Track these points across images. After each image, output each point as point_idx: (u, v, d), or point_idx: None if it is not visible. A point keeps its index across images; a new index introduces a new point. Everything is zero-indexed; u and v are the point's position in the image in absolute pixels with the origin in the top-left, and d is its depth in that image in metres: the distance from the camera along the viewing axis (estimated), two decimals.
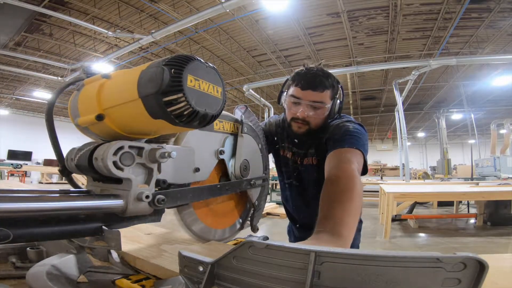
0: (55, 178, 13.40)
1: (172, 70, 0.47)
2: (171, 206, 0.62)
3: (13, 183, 4.94)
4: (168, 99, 0.46)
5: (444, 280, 0.32)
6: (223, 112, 0.79)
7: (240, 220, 0.93)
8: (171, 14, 8.08)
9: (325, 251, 0.34)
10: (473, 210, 5.84)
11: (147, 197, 0.54)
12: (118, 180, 0.54)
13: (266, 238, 0.42)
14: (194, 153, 0.70)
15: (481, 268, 0.31)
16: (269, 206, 7.11)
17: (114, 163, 0.51)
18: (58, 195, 0.53)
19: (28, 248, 0.66)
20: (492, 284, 0.48)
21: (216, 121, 0.78)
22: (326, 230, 0.60)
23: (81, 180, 3.02)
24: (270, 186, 8.72)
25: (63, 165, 0.60)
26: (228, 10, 6.20)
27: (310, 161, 1.17)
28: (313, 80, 1.04)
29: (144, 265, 0.62)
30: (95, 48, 10.34)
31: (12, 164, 11.45)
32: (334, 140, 0.97)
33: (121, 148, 0.52)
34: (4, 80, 13.40)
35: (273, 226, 5.57)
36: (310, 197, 1.22)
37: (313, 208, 0.74)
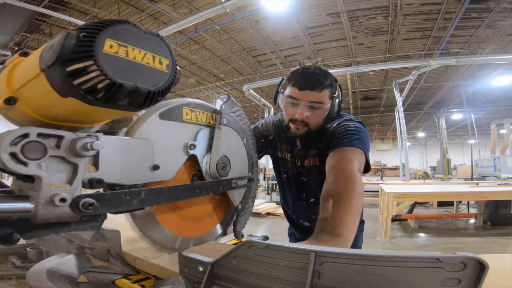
0: None
1: (82, 34, 0.37)
2: (111, 211, 0.50)
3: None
4: (72, 68, 0.36)
5: (444, 280, 0.32)
6: (198, 101, 0.71)
7: (221, 226, 0.80)
8: (171, 14, 8.08)
9: (325, 251, 0.34)
10: (473, 210, 5.84)
11: (62, 200, 0.42)
12: (33, 179, 0.43)
13: (266, 238, 0.41)
14: (152, 147, 0.57)
15: (481, 268, 0.31)
16: (269, 206, 7.11)
17: (13, 155, 0.40)
18: None
19: (28, 248, 0.66)
20: (492, 284, 0.48)
21: (187, 110, 0.66)
22: (326, 230, 0.60)
23: None
24: (270, 186, 8.74)
25: None
26: (228, 10, 6.19)
27: (311, 162, 1.14)
28: (311, 79, 1.00)
29: (144, 265, 0.62)
30: None
31: None
32: (335, 140, 0.95)
33: (26, 135, 0.41)
34: None
35: (273, 226, 5.56)
36: (312, 199, 1.19)
37: (314, 210, 0.74)
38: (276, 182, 8.54)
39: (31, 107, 0.44)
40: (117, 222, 0.64)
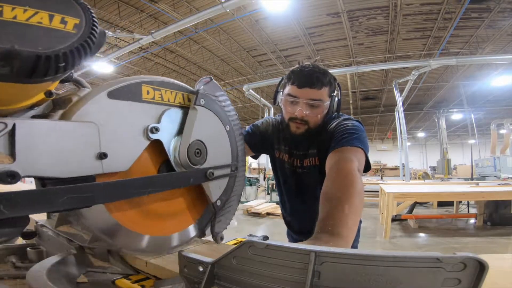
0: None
1: None
2: (24, 214, 0.40)
3: None
4: None
5: (444, 280, 0.32)
6: (168, 79, 0.62)
7: (197, 226, 0.69)
8: (171, 14, 8.08)
9: (325, 251, 0.34)
10: (473, 210, 5.84)
11: None
12: None
13: (266, 238, 0.41)
14: (98, 131, 0.48)
15: (481, 268, 0.31)
16: (269, 206, 7.11)
17: None
18: None
19: (28, 248, 0.66)
20: (492, 284, 0.48)
21: (148, 89, 0.57)
22: (326, 230, 0.60)
23: None
24: (270, 186, 8.71)
25: None
26: (228, 10, 6.20)
27: (311, 162, 1.13)
28: (310, 77, 1.00)
29: (144, 265, 0.62)
30: None
31: None
32: (334, 140, 0.95)
33: None
34: None
35: (273, 226, 5.56)
36: (310, 199, 1.17)
37: (313, 211, 0.73)
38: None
39: None
40: None
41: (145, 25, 8.85)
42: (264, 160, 12.44)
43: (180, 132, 0.62)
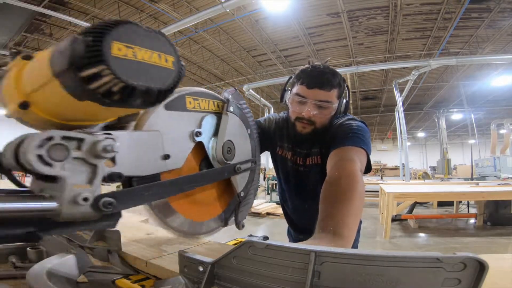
0: None
1: (89, 38, 0.37)
2: (126, 208, 0.52)
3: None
4: (86, 74, 0.37)
5: (444, 280, 0.32)
6: (201, 89, 0.73)
7: (223, 215, 0.82)
8: (171, 14, 8.08)
9: (325, 251, 0.34)
10: (473, 210, 5.84)
11: (85, 199, 0.45)
12: (55, 179, 0.45)
13: (266, 238, 0.41)
14: (162, 137, 0.60)
15: (481, 268, 0.31)
16: (269, 206, 7.11)
17: (40, 157, 0.42)
18: None
19: (28, 248, 0.66)
20: (492, 284, 0.48)
21: (190, 99, 0.68)
22: (326, 231, 0.59)
23: None
24: (270, 186, 8.74)
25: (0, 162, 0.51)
26: (228, 10, 6.19)
27: (314, 161, 1.13)
28: (320, 78, 0.99)
29: (144, 265, 0.62)
30: None
31: None
32: (337, 139, 0.94)
33: (50, 138, 0.43)
34: None
35: (273, 226, 5.56)
36: (311, 198, 1.16)
37: (314, 209, 0.73)
38: (276, 182, 8.55)
39: (45, 110, 0.46)
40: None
41: (145, 25, 8.85)
42: (264, 160, 12.43)
43: (214, 133, 0.74)
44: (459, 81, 12.13)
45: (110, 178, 0.50)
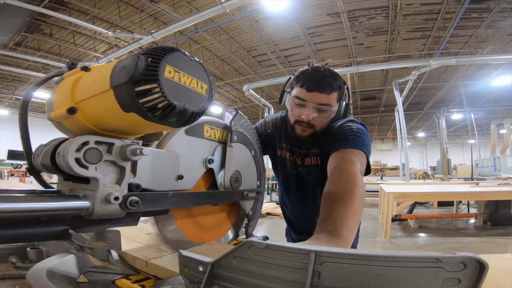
0: (55, 178, 13.38)
1: (149, 59, 0.43)
2: (148, 210, 0.57)
3: (13, 183, 4.94)
4: (140, 89, 0.42)
5: (444, 280, 0.32)
6: (214, 118, 0.77)
7: (233, 229, 0.88)
8: (171, 14, 8.08)
9: (325, 251, 0.34)
10: (473, 210, 5.84)
11: (116, 198, 0.49)
12: (87, 180, 0.50)
13: (266, 238, 0.41)
14: (179, 159, 0.64)
15: (481, 268, 0.31)
16: (269, 206, 7.11)
17: (77, 160, 0.46)
18: (24, 195, 0.51)
19: (28, 248, 0.66)
20: (493, 284, 0.48)
21: (207, 128, 0.73)
22: (326, 231, 0.60)
23: None
24: (270, 186, 8.75)
25: (30, 163, 0.56)
26: (228, 10, 6.19)
27: (312, 161, 1.13)
28: (320, 81, 0.98)
29: (144, 265, 0.62)
30: (95, 48, 10.33)
31: (12, 164, 11.45)
32: (337, 141, 0.94)
33: (86, 143, 0.47)
34: (4, 80, 13.39)
35: (273, 226, 5.56)
36: (310, 198, 1.18)
37: (312, 210, 0.73)
38: (276, 182, 8.56)
39: (89, 118, 0.50)
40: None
41: (145, 25, 8.85)
42: (264, 160, 12.40)
43: (222, 163, 0.78)
44: (459, 81, 12.12)
45: (129, 188, 0.53)
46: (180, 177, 0.64)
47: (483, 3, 7.36)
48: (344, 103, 1.06)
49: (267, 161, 1.40)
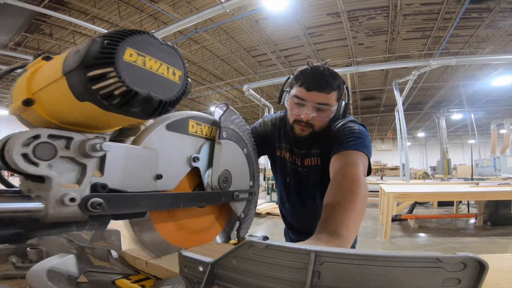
0: None
1: (106, 41, 0.38)
2: (117, 213, 0.51)
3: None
4: (93, 73, 0.38)
5: (444, 280, 0.32)
6: (201, 113, 0.71)
7: (223, 233, 0.82)
8: (171, 14, 8.08)
9: (325, 251, 0.34)
10: (473, 210, 5.84)
11: (72, 199, 0.44)
12: (43, 179, 0.44)
13: (266, 238, 0.41)
14: (157, 157, 0.58)
15: (481, 268, 0.31)
16: (269, 206, 7.11)
17: (25, 156, 0.40)
18: None
19: (28, 248, 0.66)
20: (493, 284, 0.48)
21: (193, 123, 0.67)
22: (326, 231, 0.60)
23: None
24: (270, 186, 8.72)
25: None
26: (228, 10, 6.19)
27: (312, 162, 1.12)
28: (319, 80, 0.97)
29: (144, 265, 0.62)
30: None
31: None
32: (339, 142, 0.94)
33: (37, 137, 0.42)
34: (4, 80, 13.38)
35: (273, 226, 5.56)
36: (310, 199, 1.17)
37: (312, 211, 0.73)
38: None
39: (46, 110, 0.45)
40: (117, 222, 0.64)
41: (145, 25, 8.85)
42: (264, 160, 12.43)
43: (210, 161, 0.72)
44: (459, 81, 12.12)
45: (93, 187, 0.47)
46: (159, 177, 0.58)
47: (483, 3, 7.36)
48: (343, 102, 1.05)
49: (267, 161, 1.39)
